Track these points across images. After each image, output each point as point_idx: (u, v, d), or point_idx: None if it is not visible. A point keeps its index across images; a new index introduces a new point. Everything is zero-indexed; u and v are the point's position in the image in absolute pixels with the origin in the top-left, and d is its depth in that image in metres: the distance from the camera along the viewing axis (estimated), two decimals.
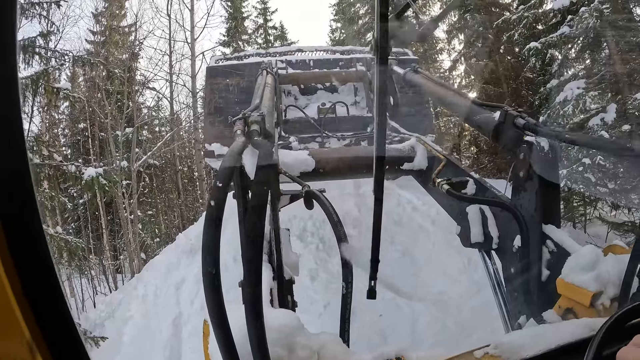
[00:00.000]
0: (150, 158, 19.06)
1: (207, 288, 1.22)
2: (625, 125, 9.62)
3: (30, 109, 12.77)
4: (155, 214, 21.96)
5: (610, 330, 1.06)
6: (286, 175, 2.85)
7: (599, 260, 2.15)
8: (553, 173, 2.68)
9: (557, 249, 2.53)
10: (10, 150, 0.73)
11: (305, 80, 7.09)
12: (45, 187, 12.29)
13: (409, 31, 4.38)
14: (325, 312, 7.44)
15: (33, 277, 0.75)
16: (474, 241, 3.06)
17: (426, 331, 7.16)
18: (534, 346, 1.49)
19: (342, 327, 1.94)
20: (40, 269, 0.77)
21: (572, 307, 2.13)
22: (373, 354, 1.66)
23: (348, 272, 1.88)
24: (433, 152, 3.77)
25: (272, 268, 2.29)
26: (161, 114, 23.52)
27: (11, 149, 0.73)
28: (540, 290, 2.58)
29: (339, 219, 1.94)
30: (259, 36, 28.74)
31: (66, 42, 22.66)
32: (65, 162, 12.56)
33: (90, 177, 11.72)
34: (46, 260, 0.78)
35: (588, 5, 10.03)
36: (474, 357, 1.53)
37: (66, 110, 20.90)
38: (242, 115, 2.69)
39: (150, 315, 9.36)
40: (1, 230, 0.72)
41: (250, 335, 1.27)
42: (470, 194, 3.17)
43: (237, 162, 1.76)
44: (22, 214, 0.75)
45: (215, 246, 1.24)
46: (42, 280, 0.77)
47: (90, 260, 17.35)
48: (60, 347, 0.79)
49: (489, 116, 3.19)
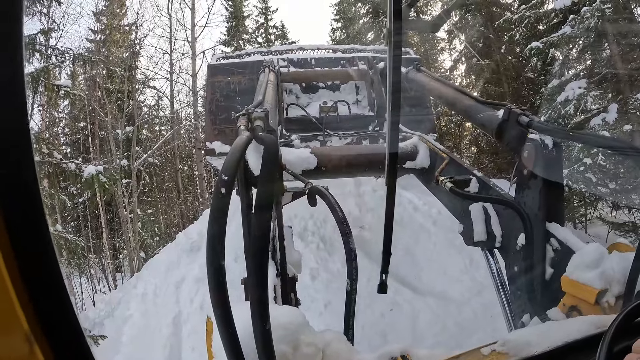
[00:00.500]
0: (150, 157, 19.08)
1: (211, 282, 1.20)
2: (626, 125, 9.61)
3: (31, 106, 12.76)
4: (155, 212, 21.96)
5: (621, 326, 1.06)
6: (289, 172, 2.83)
7: (604, 257, 2.14)
8: (557, 171, 2.67)
9: (561, 246, 2.52)
10: (16, 147, 0.73)
11: (306, 79, 7.08)
12: (45, 185, 12.29)
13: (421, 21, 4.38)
14: (326, 311, 7.44)
15: (36, 274, 0.75)
16: (477, 239, 3.05)
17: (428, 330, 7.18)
18: (540, 343, 1.48)
19: (347, 325, 1.92)
20: (43, 266, 0.76)
21: (577, 305, 2.12)
22: (378, 352, 1.65)
23: (353, 268, 1.86)
24: (435, 150, 3.76)
25: (275, 265, 2.28)
26: (161, 112, 23.55)
27: (17, 146, 0.73)
28: (544, 289, 2.57)
29: (344, 215, 1.92)
30: (259, 35, 28.78)
31: (66, 40, 22.63)
32: (65, 160, 12.55)
33: (90, 175, 11.72)
34: (50, 258, 0.77)
35: (589, 5, 10.03)
36: (481, 354, 1.52)
37: (66, 109, 20.94)
38: (246, 112, 2.67)
39: (150, 314, 9.34)
40: (3, 227, 0.71)
41: (256, 332, 1.25)
42: (473, 192, 3.16)
43: (241, 157, 1.74)
44: (25, 211, 0.74)
45: (220, 240, 1.23)
46: (45, 279, 0.76)
47: (90, 259, 17.34)
48: (63, 344, 0.78)
49: (492, 114, 3.18)
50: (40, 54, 12.43)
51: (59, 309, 0.79)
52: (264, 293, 1.27)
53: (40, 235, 0.76)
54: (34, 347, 0.73)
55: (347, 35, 25.27)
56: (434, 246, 8.90)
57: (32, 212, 0.75)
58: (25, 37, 11.55)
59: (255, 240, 1.28)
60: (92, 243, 18.60)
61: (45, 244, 0.76)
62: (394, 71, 1.47)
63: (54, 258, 0.77)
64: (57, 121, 21.47)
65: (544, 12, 12.62)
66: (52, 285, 0.77)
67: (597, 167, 9.35)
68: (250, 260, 1.33)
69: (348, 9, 25.24)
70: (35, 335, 0.74)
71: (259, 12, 28.40)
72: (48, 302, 0.76)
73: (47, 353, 0.75)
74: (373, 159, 3.78)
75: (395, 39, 1.37)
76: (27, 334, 0.72)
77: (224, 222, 1.27)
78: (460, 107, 3.83)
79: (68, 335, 0.80)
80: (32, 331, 0.73)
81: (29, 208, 0.75)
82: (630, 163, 8.04)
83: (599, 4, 9.80)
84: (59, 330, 0.78)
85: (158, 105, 23.20)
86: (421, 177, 3.92)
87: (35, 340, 0.74)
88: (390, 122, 1.61)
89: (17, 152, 0.73)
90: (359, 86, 7.01)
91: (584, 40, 10.63)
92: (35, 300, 0.74)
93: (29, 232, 0.74)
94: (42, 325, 0.75)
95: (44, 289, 0.76)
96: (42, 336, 0.75)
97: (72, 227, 18.68)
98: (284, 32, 29.26)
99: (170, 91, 21.98)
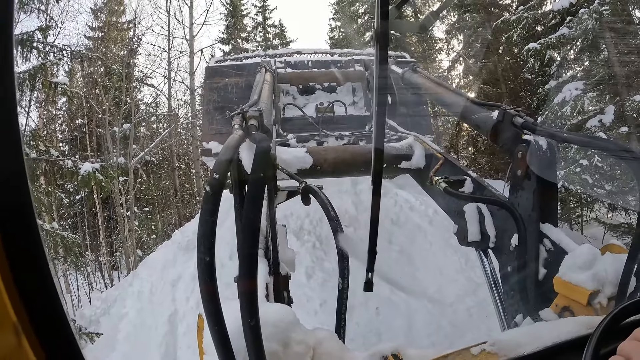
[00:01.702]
0: (147, 155, 19.02)
1: (201, 278, 1.21)
2: (623, 127, 9.64)
3: (28, 103, 12.76)
4: (152, 210, 21.90)
5: (608, 327, 1.06)
6: (284, 171, 2.84)
7: (597, 259, 2.14)
8: (551, 171, 2.68)
9: (554, 247, 2.53)
10: (6, 145, 0.72)
11: (303, 80, 7.09)
12: (42, 183, 12.26)
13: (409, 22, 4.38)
14: (321, 310, 7.45)
15: (26, 272, 0.75)
16: (471, 240, 3.06)
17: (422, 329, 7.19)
18: (531, 343, 1.48)
19: (338, 323, 1.93)
20: (33, 263, 0.76)
21: (569, 306, 2.13)
22: (369, 351, 1.65)
23: (345, 266, 1.87)
24: (431, 150, 3.77)
25: (269, 263, 2.28)
26: (159, 110, 23.50)
27: (6, 144, 0.72)
28: (537, 289, 2.58)
29: (336, 214, 1.93)
30: (257, 34, 28.78)
31: (64, 37, 22.63)
32: (62, 157, 12.52)
33: (87, 173, 11.68)
34: (39, 255, 0.77)
35: (587, 7, 10.05)
36: (471, 354, 1.52)
37: (64, 106, 20.86)
38: (240, 111, 2.67)
39: (146, 312, 9.33)
40: None
41: (245, 329, 1.25)
42: (468, 192, 3.17)
43: (234, 155, 1.75)
44: (15, 209, 0.74)
45: (211, 237, 1.23)
46: (35, 276, 0.76)
47: (86, 257, 17.30)
48: (52, 341, 0.78)
49: (487, 115, 3.18)
50: (38, 51, 12.39)
51: (48, 304, 0.79)
52: (253, 289, 1.27)
53: (29, 232, 0.75)
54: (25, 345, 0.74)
55: (345, 34, 25.29)
56: (430, 246, 8.92)
57: (21, 208, 0.75)
58: (23, 34, 11.59)
59: (244, 237, 1.28)
60: (88, 241, 18.53)
61: (34, 241, 0.76)
62: (380, 71, 1.48)
63: (43, 255, 0.77)
64: (54, 118, 21.40)
65: (542, 14, 12.64)
66: (41, 279, 0.77)
67: (593, 169, 9.36)
68: (240, 256, 1.33)
69: (347, 8, 25.23)
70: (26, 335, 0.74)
71: (258, 10, 28.43)
72: (39, 302, 0.76)
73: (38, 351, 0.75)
74: (369, 159, 3.78)
75: (382, 39, 1.38)
76: (16, 326, 0.72)
77: (215, 219, 1.27)
78: (456, 108, 3.84)
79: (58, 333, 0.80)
80: (23, 330, 0.73)
81: (20, 207, 0.75)
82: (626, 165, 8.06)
83: (597, 6, 9.82)
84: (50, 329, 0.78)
85: (155, 103, 23.12)
86: (416, 177, 3.93)
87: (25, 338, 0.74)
88: (376, 121, 1.62)
89: (6, 148, 0.72)
90: (356, 88, 7.04)
91: (581, 41, 10.67)
92: (26, 300, 0.74)
93: (19, 228, 0.74)
94: (33, 325, 0.75)
95: (33, 284, 0.76)
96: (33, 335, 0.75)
97: (69, 224, 18.61)
98: (282, 30, 29.29)
99: (168, 89, 21.95)
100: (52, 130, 21.14)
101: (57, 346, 0.79)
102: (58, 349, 0.79)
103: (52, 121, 21.30)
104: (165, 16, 21.22)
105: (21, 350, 0.73)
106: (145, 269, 10.92)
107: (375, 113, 1.61)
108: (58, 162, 11.85)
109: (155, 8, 25.41)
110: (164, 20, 21.35)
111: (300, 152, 3.69)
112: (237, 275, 1.91)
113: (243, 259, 1.30)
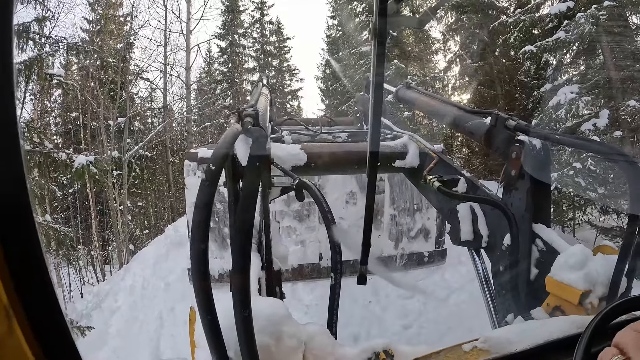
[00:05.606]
0: (141, 149, 18.96)
1: (194, 271, 1.21)
2: (617, 132, 9.70)
3: (23, 95, 12.68)
4: (145, 205, 21.85)
5: (599, 326, 1.07)
6: (278, 167, 2.84)
7: (588, 259, 2.15)
8: (544, 172, 2.69)
9: (546, 247, 2.54)
10: (3, 139, 0.72)
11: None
12: (35, 175, 12.21)
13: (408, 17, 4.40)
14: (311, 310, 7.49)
15: (21, 265, 0.74)
16: (464, 239, 3.06)
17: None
18: (522, 341, 1.49)
19: (330, 318, 1.92)
20: (29, 257, 0.76)
21: (561, 305, 2.14)
22: (361, 346, 1.65)
23: (337, 262, 1.87)
24: (425, 150, 3.77)
25: (261, 258, 2.28)
26: (154, 105, 23.42)
27: (4, 138, 0.72)
28: (528, 289, 2.59)
29: (329, 208, 1.93)
30: (254, 30, 28.74)
31: (61, 29, 22.49)
32: (56, 149, 12.47)
33: (81, 165, 11.67)
34: (35, 248, 0.76)
35: (584, 12, 10.10)
36: (462, 350, 1.52)
37: (59, 98, 20.75)
38: (236, 110, 2.67)
39: (138, 306, 9.34)
40: None
41: (237, 321, 1.26)
42: (461, 192, 3.17)
43: (230, 149, 1.74)
44: (11, 201, 0.74)
45: (204, 229, 1.23)
46: (31, 269, 0.76)
47: (79, 251, 17.22)
48: (48, 335, 0.78)
49: (480, 122, 3.20)
50: (34, 42, 12.34)
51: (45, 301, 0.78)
52: (246, 283, 1.27)
53: (26, 227, 0.75)
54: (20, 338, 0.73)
55: (342, 33, 25.29)
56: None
57: (18, 203, 0.74)
58: (20, 24, 11.52)
59: (238, 229, 1.28)
60: (81, 234, 18.46)
61: (30, 235, 0.76)
62: (377, 67, 1.48)
63: (38, 248, 0.77)
64: (49, 110, 21.28)
65: (539, 17, 12.70)
66: (38, 279, 0.77)
67: (586, 172, 9.41)
68: (233, 248, 1.33)
69: (344, 7, 25.22)
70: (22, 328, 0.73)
71: (255, 6, 28.45)
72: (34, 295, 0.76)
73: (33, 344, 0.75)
74: (363, 157, 3.78)
75: (380, 35, 1.38)
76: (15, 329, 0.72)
77: (209, 211, 1.27)
78: (450, 119, 3.85)
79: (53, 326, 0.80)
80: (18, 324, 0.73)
81: (16, 199, 0.74)
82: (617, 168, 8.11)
83: (594, 10, 9.87)
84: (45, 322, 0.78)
85: (151, 97, 23.07)
86: (410, 176, 3.93)
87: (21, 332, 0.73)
88: (372, 117, 1.63)
89: (4, 142, 0.72)
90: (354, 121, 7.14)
91: (577, 45, 10.72)
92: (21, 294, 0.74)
93: (15, 222, 0.74)
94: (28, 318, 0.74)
95: (31, 284, 0.75)
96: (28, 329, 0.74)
97: (62, 217, 18.53)
98: (280, 27, 29.28)
99: (164, 83, 21.95)
100: (47, 122, 21.03)
101: (51, 338, 0.79)
102: (52, 340, 0.79)
103: (47, 113, 21.19)
104: (162, 10, 21.21)
105: (15, 342, 0.73)
106: (137, 264, 10.93)
107: (372, 111, 1.61)
108: (52, 155, 11.79)
109: (153, 2, 25.34)
110: (161, 14, 21.40)
111: (294, 148, 3.68)
112: (230, 270, 1.92)
113: (237, 253, 1.30)
